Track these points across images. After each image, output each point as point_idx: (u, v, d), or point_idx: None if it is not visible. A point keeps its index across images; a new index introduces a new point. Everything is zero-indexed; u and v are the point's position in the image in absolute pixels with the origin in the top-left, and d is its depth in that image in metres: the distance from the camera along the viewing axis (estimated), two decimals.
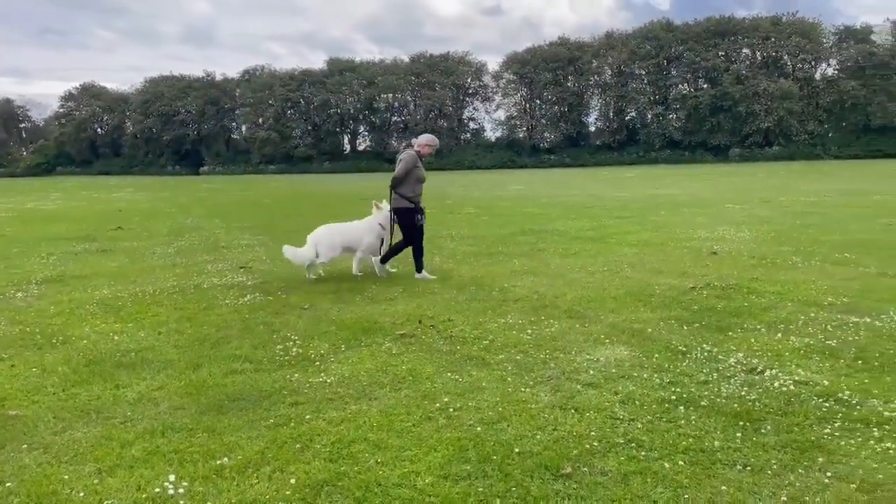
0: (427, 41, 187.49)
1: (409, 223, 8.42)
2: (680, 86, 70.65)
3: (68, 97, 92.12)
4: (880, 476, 3.12)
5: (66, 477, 3.32)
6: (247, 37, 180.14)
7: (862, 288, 7.13)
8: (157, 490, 3.15)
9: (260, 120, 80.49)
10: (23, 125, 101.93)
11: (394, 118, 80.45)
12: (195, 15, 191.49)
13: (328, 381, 4.67)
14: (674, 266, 8.86)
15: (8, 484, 3.26)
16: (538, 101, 76.46)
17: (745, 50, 69.08)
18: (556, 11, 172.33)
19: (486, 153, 73.31)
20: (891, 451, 3.35)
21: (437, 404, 4.16)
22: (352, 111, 79.69)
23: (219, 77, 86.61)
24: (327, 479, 3.22)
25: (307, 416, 4.02)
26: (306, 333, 5.91)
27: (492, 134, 79.90)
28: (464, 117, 79.86)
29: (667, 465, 3.29)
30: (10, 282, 9.02)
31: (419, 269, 8.53)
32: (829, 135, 64.43)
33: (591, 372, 4.69)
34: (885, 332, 5.46)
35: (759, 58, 68.17)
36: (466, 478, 3.22)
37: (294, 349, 5.44)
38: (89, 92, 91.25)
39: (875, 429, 3.61)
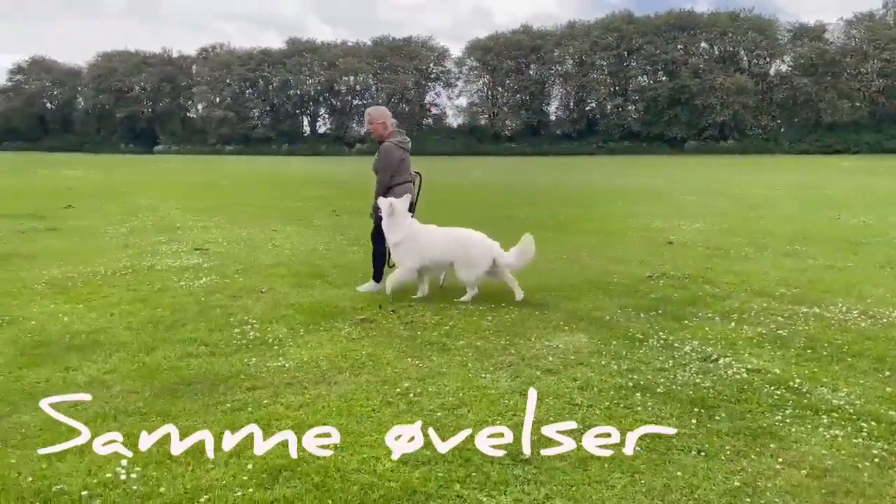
0: (378, 24, 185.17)
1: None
2: (639, 78, 71.66)
3: (17, 70, 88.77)
4: (829, 462, 3.21)
5: (13, 461, 3.21)
6: (193, 13, 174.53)
7: (811, 279, 7.35)
8: (109, 475, 3.06)
9: (217, 99, 79.04)
10: None
11: (355, 101, 79.62)
12: None
13: (286, 365, 4.61)
14: (631, 255, 8.98)
15: None
16: (500, 89, 76.60)
17: (703, 44, 70.35)
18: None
19: (448, 139, 73.17)
20: (839, 439, 3.46)
21: (398, 389, 4.14)
22: (312, 93, 78.82)
23: (175, 54, 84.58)
24: (285, 464, 3.18)
25: (265, 401, 3.96)
26: (264, 317, 5.81)
27: (454, 120, 79.87)
28: (426, 102, 79.50)
29: (624, 450, 3.33)
30: None
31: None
32: (782, 130, 66.21)
33: (551, 358, 4.73)
34: (832, 322, 5.63)
35: (717, 52, 69.52)
36: (427, 463, 3.21)
37: (251, 333, 5.34)
38: (39, 65, 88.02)
39: (824, 416, 3.72)
